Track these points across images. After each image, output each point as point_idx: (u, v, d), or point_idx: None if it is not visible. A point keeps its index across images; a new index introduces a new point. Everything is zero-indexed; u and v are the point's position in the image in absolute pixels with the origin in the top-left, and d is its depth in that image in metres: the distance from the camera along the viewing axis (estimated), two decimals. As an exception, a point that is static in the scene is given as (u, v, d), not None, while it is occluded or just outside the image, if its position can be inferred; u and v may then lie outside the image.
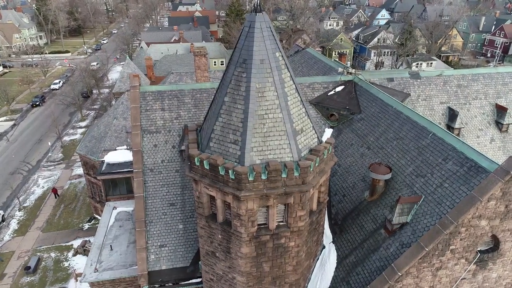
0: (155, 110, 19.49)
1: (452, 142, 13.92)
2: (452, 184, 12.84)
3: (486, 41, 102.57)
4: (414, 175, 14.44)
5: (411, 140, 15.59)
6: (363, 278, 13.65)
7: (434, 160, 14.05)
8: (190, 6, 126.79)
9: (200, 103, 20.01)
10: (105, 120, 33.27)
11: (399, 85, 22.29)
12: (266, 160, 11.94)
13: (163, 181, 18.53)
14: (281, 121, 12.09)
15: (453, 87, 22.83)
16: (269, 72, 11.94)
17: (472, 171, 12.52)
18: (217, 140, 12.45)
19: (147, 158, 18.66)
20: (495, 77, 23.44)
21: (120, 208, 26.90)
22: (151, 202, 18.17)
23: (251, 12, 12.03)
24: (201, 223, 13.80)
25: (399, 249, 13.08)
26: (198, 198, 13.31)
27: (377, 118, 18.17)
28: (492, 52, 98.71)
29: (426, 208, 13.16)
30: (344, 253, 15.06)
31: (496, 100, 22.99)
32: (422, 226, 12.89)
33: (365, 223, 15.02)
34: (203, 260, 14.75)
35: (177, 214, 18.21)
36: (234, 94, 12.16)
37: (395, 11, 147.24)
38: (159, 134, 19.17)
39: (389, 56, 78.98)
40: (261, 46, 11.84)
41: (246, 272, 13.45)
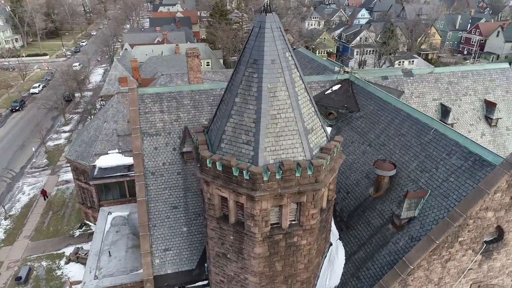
0: (154, 113, 19.25)
1: (455, 137, 14.33)
2: (458, 178, 13.23)
3: (462, 39, 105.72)
4: (418, 170, 14.79)
5: (413, 136, 15.96)
6: (373, 273, 13.89)
7: (438, 155, 14.44)
8: (171, 6, 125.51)
9: (200, 104, 19.89)
10: (95, 123, 32.57)
11: (393, 83, 22.75)
12: (280, 160, 11.99)
13: (165, 184, 18.33)
14: (293, 121, 12.17)
15: (444, 84, 23.47)
16: (280, 72, 12.01)
17: (477, 165, 12.94)
18: (228, 141, 12.42)
19: (148, 161, 18.40)
20: (483, 73, 24.24)
21: (116, 213, 26.49)
22: (154, 206, 17.95)
23: (261, 12, 12.05)
24: (212, 225, 13.73)
25: (408, 243, 13.38)
26: (209, 200, 13.23)
27: (376, 116, 18.50)
28: (468, 50, 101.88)
29: (433, 202, 13.50)
30: (352, 249, 15.27)
31: (484, 96, 23.77)
32: (430, 219, 13.23)
33: (371, 219, 15.27)
34: (213, 262, 14.68)
35: (180, 217, 18.05)
36: (246, 95, 12.16)
37: (374, 10, 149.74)
38: (159, 137, 18.94)
39: (372, 55, 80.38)
40: (271, 46, 11.89)
41: (259, 272, 13.47)
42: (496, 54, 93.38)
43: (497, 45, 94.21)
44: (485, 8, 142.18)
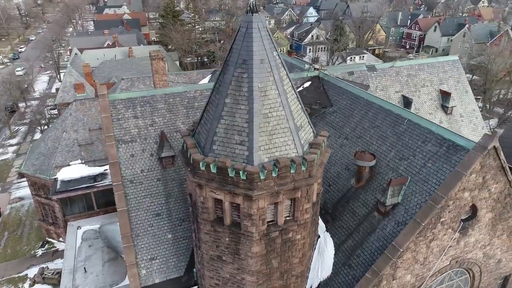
0: (127, 119, 18.54)
1: (428, 125, 15.36)
2: (435, 163, 14.21)
3: (404, 34, 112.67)
4: (397, 159, 15.67)
5: (388, 127, 16.85)
6: (364, 260, 14.51)
7: (414, 144, 15.39)
8: (117, 8, 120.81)
9: (174, 108, 19.46)
10: (53, 134, 30.58)
11: (359, 77, 23.79)
12: (274, 158, 12.14)
13: (145, 191, 17.75)
14: (284, 118, 12.37)
15: (404, 77, 24.95)
16: (269, 72, 12.15)
17: (451, 150, 13.98)
18: (221, 143, 12.34)
19: (125, 170, 17.70)
20: (437, 66, 26.09)
21: (85, 226, 25.28)
22: (135, 215, 17.31)
23: (246, 12, 12.09)
24: (206, 228, 13.56)
25: (395, 228, 14.14)
26: (202, 203, 13.06)
27: (350, 110, 19.27)
28: (410, 44, 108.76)
29: (414, 188, 14.39)
30: (340, 239, 15.82)
31: (440, 86, 25.61)
32: (413, 204, 14.09)
33: (356, 209, 15.93)
34: (207, 266, 14.50)
35: (164, 224, 17.58)
36: (236, 95, 12.16)
37: (321, 9, 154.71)
38: (135, 143, 18.28)
39: (324, 52, 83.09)
40: (260, 46, 11.99)
41: (257, 271, 13.54)
42: (435, 47, 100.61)
43: (435, 39, 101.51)
44: (421, 5, 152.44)
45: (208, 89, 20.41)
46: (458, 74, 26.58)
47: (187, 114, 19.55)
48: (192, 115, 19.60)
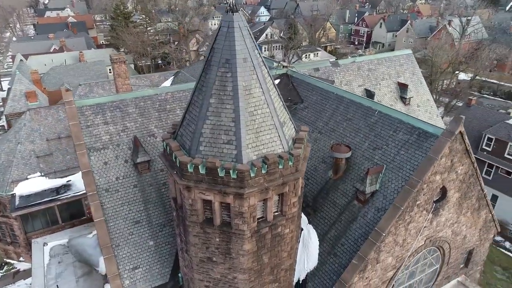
0: (97, 125, 17.78)
1: (398, 116, 16.31)
2: (408, 150, 15.14)
3: (352, 31, 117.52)
4: (371, 149, 16.47)
5: (360, 119, 17.65)
6: (348, 247, 15.13)
7: (386, 133, 16.27)
8: (60, 11, 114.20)
9: (146, 111, 18.95)
10: (6, 146, 28.40)
11: (324, 73, 24.60)
12: (262, 155, 12.29)
13: (122, 199, 17.15)
14: (269, 116, 12.57)
15: (365, 71, 26.17)
16: (252, 70, 12.27)
17: (421, 137, 14.98)
18: (207, 143, 12.27)
19: (99, 178, 16.98)
20: (394, 60, 27.65)
21: (52, 242, 23.93)
22: (114, 225, 16.68)
23: (227, 12, 12.12)
24: (195, 231, 13.41)
25: (376, 214, 14.90)
26: (191, 206, 12.90)
27: (321, 105, 19.90)
28: (359, 40, 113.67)
29: (390, 175, 15.24)
30: (323, 230, 16.35)
31: (397, 79, 27.16)
32: (390, 190, 14.92)
33: (336, 199, 16.54)
34: (197, 269, 14.34)
35: (144, 232, 17.11)
36: (221, 95, 12.15)
37: (271, 8, 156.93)
38: (107, 150, 17.58)
39: (280, 50, 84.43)
40: (242, 45, 12.07)
41: (248, 268, 13.64)
42: (382, 43, 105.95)
43: (381, 35, 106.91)
44: (365, 2, 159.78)
45: (180, 91, 20.14)
46: (413, 66, 28.36)
47: (160, 117, 19.13)
48: (165, 118, 19.22)
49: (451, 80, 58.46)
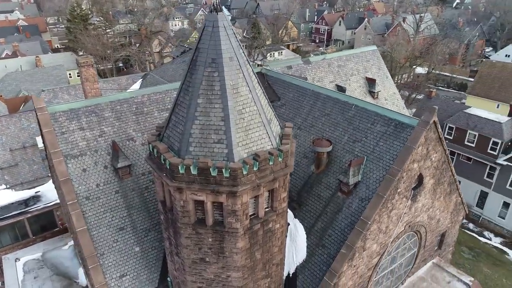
0: (73, 131, 17.12)
1: (374, 109, 17.03)
2: (386, 141, 15.88)
3: (313, 29, 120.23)
4: (351, 142, 17.10)
5: (338, 114, 18.25)
6: (336, 237, 15.64)
7: (364, 126, 16.95)
8: (9, 14, 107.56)
9: (123, 115, 18.48)
10: (-36, 160, 26.53)
11: (297, 71, 25.11)
12: (252, 152, 12.44)
13: (104, 206, 16.65)
14: (257, 113, 12.73)
15: (335, 68, 27.00)
16: (238, 69, 12.37)
17: (398, 128, 15.76)
18: (197, 143, 12.24)
19: (78, 186, 16.37)
20: (361, 56, 28.74)
21: (25, 257, 22.79)
22: (97, 233, 16.17)
23: (211, 12, 12.13)
24: (187, 232, 13.32)
25: (360, 204, 15.50)
26: (182, 207, 12.79)
27: (298, 102, 20.34)
28: (320, 38, 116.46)
29: (371, 166, 15.91)
30: (310, 223, 16.76)
31: (365, 74, 28.26)
32: (372, 180, 15.58)
33: (321, 192, 17.02)
34: (189, 271, 14.23)
35: (129, 238, 16.72)
36: (209, 95, 12.16)
37: (232, 8, 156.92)
38: (85, 157, 16.98)
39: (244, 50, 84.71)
40: (227, 44, 12.14)
41: (242, 266, 13.74)
42: (342, 40, 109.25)
43: (341, 33, 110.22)
44: (323, 1, 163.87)
45: (156, 93, 19.81)
46: (378, 62, 29.61)
47: (137, 120, 18.73)
48: (143, 121, 18.85)
49: (410, 74, 61.47)
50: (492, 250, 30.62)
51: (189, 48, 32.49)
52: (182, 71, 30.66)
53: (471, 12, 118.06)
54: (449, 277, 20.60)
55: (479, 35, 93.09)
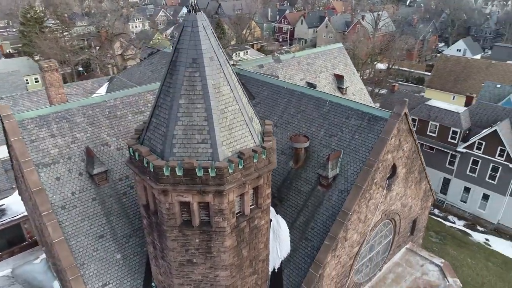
0: (43, 139, 16.39)
1: (347, 104, 17.64)
2: (361, 134, 16.52)
3: (276, 28, 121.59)
4: (327, 136, 17.61)
5: (313, 110, 18.72)
6: (318, 230, 16.08)
7: (339, 121, 17.52)
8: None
9: (96, 120, 17.93)
10: None
11: (268, 69, 25.43)
12: (236, 151, 12.54)
13: (82, 215, 16.09)
14: (239, 112, 12.85)
15: (304, 65, 27.60)
16: (219, 68, 12.42)
17: (372, 121, 16.44)
18: (181, 144, 12.17)
19: (52, 195, 15.72)
20: (328, 53, 29.55)
21: (-7, 275, 21.38)
22: (75, 243, 15.61)
23: (189, 12, 12.09)
24: (173, 235, 13.20)
25: (339, 196, 16.03)
26: (168, 209, 12.67)
27: (273, 100, 20.64)
28: (283, 37, 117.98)
29: (348, 158, 16.49)
30: (292, 218, 17.10)
31: (333, 71, 29.10)
32: (350, 172, 16.16)
33: (301, 187, 17.40)
34: (176, 274, 14.10)
35: (110, 245, 16.27)
36: (191, 95, 12.12)
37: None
38: (58, 165, 16.32)
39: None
40: (207, 44, 12.15)
41: (230, 264, 13.81)
42: (304, 39, 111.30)
43: (303, 31, 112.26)
44: (284, 0, 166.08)
45: (129, 96, 19.38)
46: (345, 59, 30.58)
47: (111, 124, 18.23)
48: (117, 125, 18.38)
49: (371, 70, 63.83)
50: (456, 233, 32.59)
51: (157, 50, 31.88)
52: (151, 73, 30.13)
53: (423, 10, 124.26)
54: (422, 260, 21.74)
55: (432, 31, 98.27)
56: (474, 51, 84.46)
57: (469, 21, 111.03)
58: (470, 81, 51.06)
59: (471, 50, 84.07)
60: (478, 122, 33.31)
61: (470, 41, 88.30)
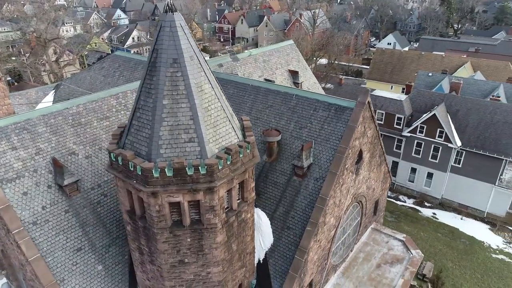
0: (4, 153, 15.23)
1: (314, 96, 18.63)
2: (330, 124, 17.58)
3: (216, 29, 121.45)
4: (297, 128, 18.45)
5: (281, 104, 19.45)
6: (299, 218, 16.86)
7: (307, 113, 18.44)
8: None
9: (59, 129, 17.01)
10: None
11: (228, 68, 25.75)
12: (222, 147, 12.81)
13: (56, 229, 15.27)
14: (221, 109, 13.12)
15: (261, 63, 28.33)
16: (200, 67, 12.59)
17: (339, 111, 17.57)
18: (168, 145, 12.16)
19: (21, 212, 14.72)
20: (281, 50, 30.57)
21: None
22: (52, 259, 14.80)
23: (166, 12, 12.08)
24: (163, 237, 13.11)
25: (315, 184, 16.95)
26: (158, 212, 12.58)
27: (239, 97, 21.05)
28: (224, 37, 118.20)
29: (320, 147, 17.46)
30: (271, 209, 17.70)
31: (287, 67, 30.19)
32: (323, 160, 17.15)
33: (276, 179, 18.06)
34: (167, 276, 14.01)
35: (89, 257, 15.65)
36: (174, 95, 12.14)
37: (127, 10, 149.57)
38: (23, 179, 15.28)
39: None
40: (187, 43, 12.25)
41: (221, 260, 14.05)
42: (246, 38, 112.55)
43: (244, 31, 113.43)
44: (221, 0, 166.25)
45: (92, 101, 18.62)
46: (297, 55, 31.86)
47: (76, 132, 17.42)
48: (82, 132, 17.59)
49: (314, 65, 66.61)
50: (408, 211, 35.57)
51: (106, 54, 30.62)
52: (103, 78, 28.90)
53: (354, 7, 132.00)
54: (386, 237, 23.59)
55: (364, 27, 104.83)
56: (402, 44, 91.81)
57: (395, 16, 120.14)
58: (404, 71, 55.61)
59: (400, 43, 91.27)
60: (418, 108, 36.60)
61: (398, 35, 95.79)
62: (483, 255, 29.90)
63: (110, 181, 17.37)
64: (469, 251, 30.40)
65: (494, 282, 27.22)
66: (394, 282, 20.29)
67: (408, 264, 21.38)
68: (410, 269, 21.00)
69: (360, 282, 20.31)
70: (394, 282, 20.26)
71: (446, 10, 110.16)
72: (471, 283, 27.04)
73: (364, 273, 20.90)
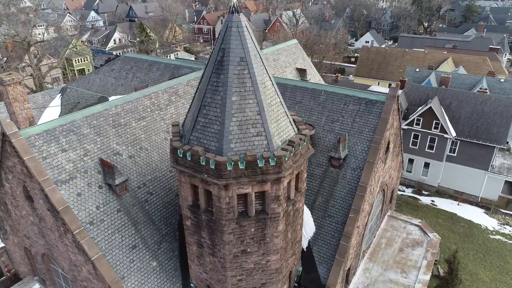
0: (55, 155, 15.31)
1: (343, 91, 19.68)
2: (362, 117, 18.68)
3: (195, 29, 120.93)
4: (329, 122, 19.44)
5: (309, 100, 20.38)
6: (339, 206, 17.85)
7: (338, 108, 19.47)
8: None
9: (102, 130, 17.19)
10: None
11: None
12: (283, 140, 13.57)
13: (111, 228, 15.52)
14: (280, 104, 13.89)
15: (271, 62, 29.12)
16: (262, 65, 13.30)
17: (369, 105, 18.70)
18: (237, 139, 12.80)
19: (78, 212, 14.88)
20: (288, 49, 31.52)
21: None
22: (112, 257, 15.07)
23: (232, 13, 12.69)
24: (230, 228, 13.71)
25: (352, 173, 18.00)
26: (228, 204, 13.16)
27: (265, 95, 21.76)
28: (204, 38, 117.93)
29: (354, 139, 18.53)
30: (310, 200, 18.59)
31: (295, 65, 31.19)
32: (358, 151, 18.23)
33: (314, 171, 18.97)
34: (230, 267, 14.59)
35: (144, 254, 15.99)
36: (241, 92, 12.79)
37: (100, 12, 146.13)
38: (76, 180, 15.42)
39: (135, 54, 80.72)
40: (251, 42, 12.94)
41: (280, 248, 14.81)
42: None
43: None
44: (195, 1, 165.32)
45: (128, 102, 18.84)
46: (302, 54, 32.91)
47: (118, 133, 17.64)
48: (123, 133, 17.84)
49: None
50: (408, 199, 37.46)
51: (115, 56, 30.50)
52: (114, 80, 28.81)
53: (329, 7, 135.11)
54: (403, 223, 25.05)
55: (343, 26, 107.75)
56: (379, 41, 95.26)
57: (369, 15, 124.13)
58: (390, 68, 58.06)
59: (377, 41, 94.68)
60: (413, 101, 38.60)
61: (375, 33, 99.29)
62: (482, 237, 32.11)
63: (154, 179, 17.72)
64: (469, 234, 32.53)
65: (495, 260, 29.36)
66: (418, 263, 21.70)
67: (428, 247, 22.87)
68: (431, 251, 22.50)
69: (387, 266, 21.58)
70: (418, 264, 21.66)
71: (417, 9, 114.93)
72: (475, 262, 29.04)
73: (389, 257, 22.19)
